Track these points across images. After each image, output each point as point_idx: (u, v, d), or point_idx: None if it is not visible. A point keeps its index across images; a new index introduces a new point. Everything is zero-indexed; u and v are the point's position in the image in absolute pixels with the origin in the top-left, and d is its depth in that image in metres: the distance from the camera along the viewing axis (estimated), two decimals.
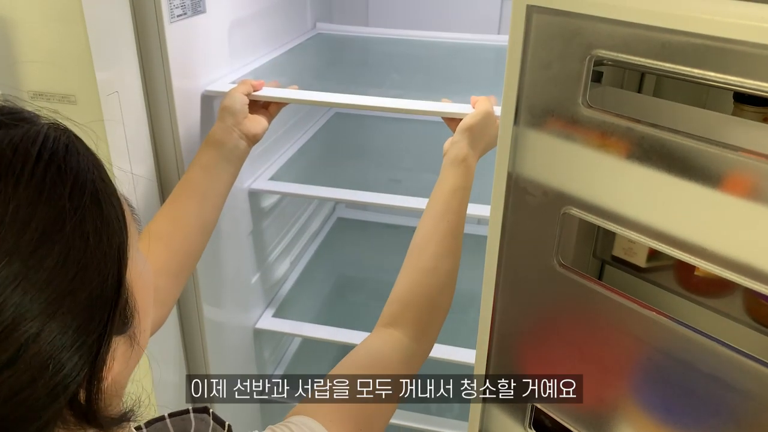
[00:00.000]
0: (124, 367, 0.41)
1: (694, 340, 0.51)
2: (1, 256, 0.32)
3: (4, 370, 0.32)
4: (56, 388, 0.34)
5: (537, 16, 0.52)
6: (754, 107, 0.61)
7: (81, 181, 0.36)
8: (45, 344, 0.33)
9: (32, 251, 0.33)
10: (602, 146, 0.52)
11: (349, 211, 1.74)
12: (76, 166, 0.37)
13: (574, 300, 0.59)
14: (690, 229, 0.49)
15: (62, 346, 0.34)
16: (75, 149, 0.38)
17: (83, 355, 0.36)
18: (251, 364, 1.25)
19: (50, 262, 0.34)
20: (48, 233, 0.34)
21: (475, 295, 0.67)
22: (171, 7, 0.84)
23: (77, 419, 0.37)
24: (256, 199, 1.20)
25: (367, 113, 1.64)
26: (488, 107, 0.86)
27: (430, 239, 0.75)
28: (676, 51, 0.46)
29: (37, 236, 0.33)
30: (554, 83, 0.54)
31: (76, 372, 0.35)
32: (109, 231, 0.38)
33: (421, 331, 0.69)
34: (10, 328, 0.32)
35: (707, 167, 0.47)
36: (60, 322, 0.34)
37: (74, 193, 0.36)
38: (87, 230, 0.36)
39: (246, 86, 0.93)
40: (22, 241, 0.33)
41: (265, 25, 1.18)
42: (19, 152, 0.35)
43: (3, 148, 0.34)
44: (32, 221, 0.33)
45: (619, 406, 0.61)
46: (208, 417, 0.55)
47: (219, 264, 1.06)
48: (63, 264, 0.34)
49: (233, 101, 0.89)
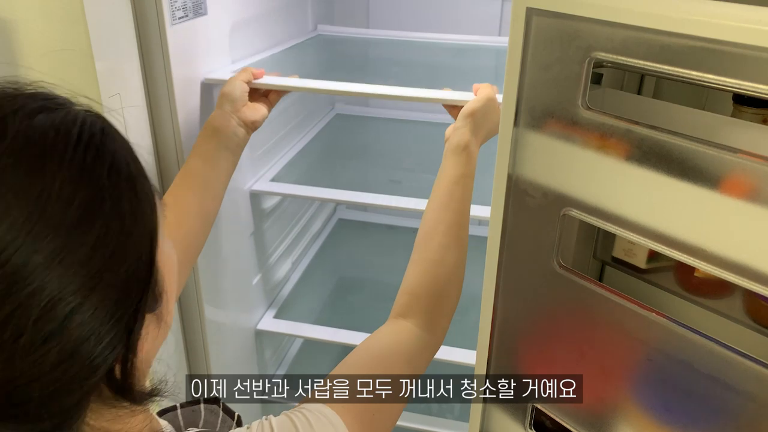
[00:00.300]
0: (152, 345, 0.43)
1: (694, 341, 0.51)
2: (46, 231, 0.34)
3: (49, 340, 0.34)
4: (96, 360, 0.36)
5: (537, 19, 0.53)
6: (754, 109, 0.62)
7: (117, 162, 0.38)
8: (87, 316, 0.35)
9: (75, 227, 0.35)
10: (602, 148, 0.52)
11: (350, 212, 1.75)
12: (112, 148, 0.39)
13: (574, 301, 0.60)
14: (689, 231, 0.49)
15: (102, 319, 0.36)
16: (111, 133, 0.40)
17: (120, 329, 0.37)
18: (252, 365, 1.25)
19: (91, 237, 0.35)
20: (89, 210, 0.36)
21: (475, 297, 0.67)
22: (173, 9, 0.84)
23: (113, 392, 0.39)
24: (258, 200, 1.21)
25: (368, 114, 1.64)
26: (490, 93, 0.85)
27: (436, 230, 0.74)
28: (674, 53, 0.46)
29: (79, 213, 0.35)
30: (554, 85, 0.54)
31: (114, 344, 0.37)
32: (143, 211, 0.40)
33: (431, 322, 0.69)
34: (55, 300, 0.34)
35: (706, 169, 0.47)
36: (100, 296, 0.36)
37: (112, 173, 0.38)
38: (124, 209, 0.38)
39: (246, 74, 0.92)
40: (66, 217, 0.35)
41: (266, 26, 1.18)
42: (61, 133, 0.36)
43: (46, 130, 0.36)
44: (75, 198, 0.35)
45: (619, 407, 0.61)
46: (218, 408, 0.56)
47: (220, 265, 1.06)
48: (103, 240, 0.36)
49: (233, 88, 0.89)
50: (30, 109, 0.37)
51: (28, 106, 0.37)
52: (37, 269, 0.33)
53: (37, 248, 0.33)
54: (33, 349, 0.34)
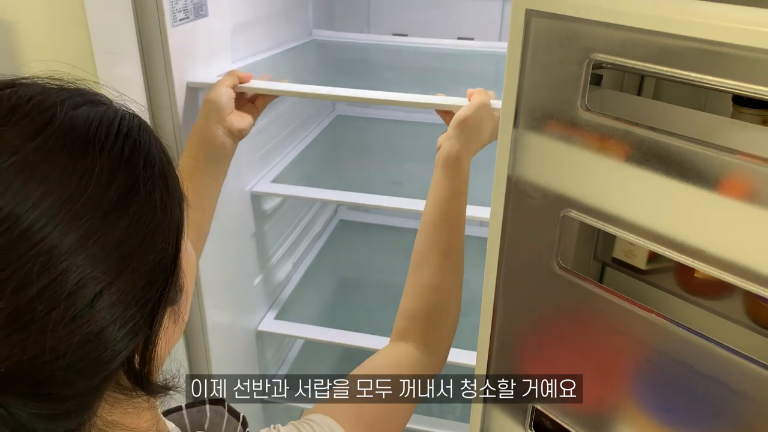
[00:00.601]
0: (168, 340, 0.44)
1: (694, 342, 0.51)
2: (84, 211, 0.36)
3: (78, 318, 0.35)
4: (118, 345, 0.37)
5: (536, 20, 0.53)
6: (753, 110, 0.62)
7: (152, 156, 0.41)
8: (114, 299, 0.36)
9: (111, 210, 0.37)
10: (601, 149, 0.53)
11: (351, 214, 1.75)
12: (148, 143, 0.41)
13: (574, 302, 0.60)
14: (688, 232, 0.49)
15: (127, 303, 0.37)
16: (147, 130, 0.42)
17: (143, 317, 0.39)
18: (254, 365, 1.26)
19: (125, 222, 0.37)
20: (125, 196, 0.38)
21: (476, 298, 0.67)
22: (173, 10, 0.84)
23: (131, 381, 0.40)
24: (259, 201, 1.21)
25: (370, 115, 1.64)
26: (484, 99, 0.81)
27: (430, 253, 0.73)
28: (673, 54, 0.46)
29: (116, 197, 0.37)
30: (553, 86, 0.54)
31: (136, 331, 0.38)
32: (172, 204, 0.42)
33: (429, 346, 0.69)
34: (87, 279, 0.35)
35: (705, 170, 0.47)
36: (128, 279, 0.37)
37: (147, 165, 0.40)
38: (155, 200, 0.40)
39: (232, 78, 0.88)
40: (104, 200, 0.36)
41: (267, 28, 1.19)
42: (103, 124, 0.39)
43: (91, 119, 0.38)
44: (113, 184, 0.37)
45: (620, 408, 0.61)
46: (223, 409, 0.56)
47: (221, 266, 1.07)
48: (135, 226, 0.38)
49: (218, 95, 0.85)
50: (75, 102, 0.39)
51: (73, 98, 0.39)
52: (73, 247, 0.35)
53: (74, 227, 0.35)
54: (63, 324, 0.35)
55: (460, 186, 0.76)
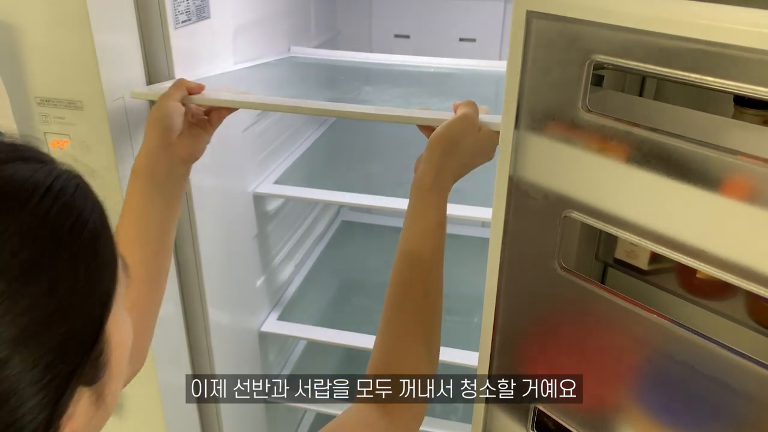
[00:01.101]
0: (85, 426, 0.39)
1: (696, 342, 0.51)
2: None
3: None
4: (13, 426, 0.33)
5: (537, 22, 0.53)
6: (754, 110, 0.62)
7: (83, 219, 0.37)
8: (12, 373, 0.33)
9: (20, 274, 0.33)
10: (602, 150, 0.53)
11: (353, 214, 1.75)
12: (82, 205, 0.38)
13: (576, 302, 0.60)
14: (690, 233, 0.49)
15: (28, 380, 0.33)
16: (84, 191, 0.39)
17: (47, 396, 0.34)
18: (256, 366, 1.26)
19: (36, 289, 0.34)
20: (40, 260, 0.34)
21: (479, 299, 0.67)
22: (176, 12, 0.84)
23: None
24: (261, 202, 1.21)
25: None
26: (467, 111, 0.69)
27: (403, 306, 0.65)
28: (674, 56, 0.46)
29: (29, 261, 0.34)
30: (554, 88, 0.54)
31: (36, 412, 0.34)
32: (100, 274, 0.38)
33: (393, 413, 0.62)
34: None
35: (706, 171, 0.47)
36: (32, 352, 0.33)
37: (75, 228, 0.36)
38: (79, 267, 0.36)
39: (180, 90, 0.75)
40: (12, 263, 0.33)
41: (269, 30, 1.19)
42: (31, 182, 0.35)
43: (18, 177, 0.35)
44: (28, 246, 0.34)
45: (622, 408, 0.61)
46: None
47: (224, 267, 1.07)
48: (48, 294, 0.34)
49: (165, 113, 0.72)
50: (5, 157, 0.36)
51: (3, 153, 0.37)
52: None
53: None
54: None
55: (436, 217, 0.66)
